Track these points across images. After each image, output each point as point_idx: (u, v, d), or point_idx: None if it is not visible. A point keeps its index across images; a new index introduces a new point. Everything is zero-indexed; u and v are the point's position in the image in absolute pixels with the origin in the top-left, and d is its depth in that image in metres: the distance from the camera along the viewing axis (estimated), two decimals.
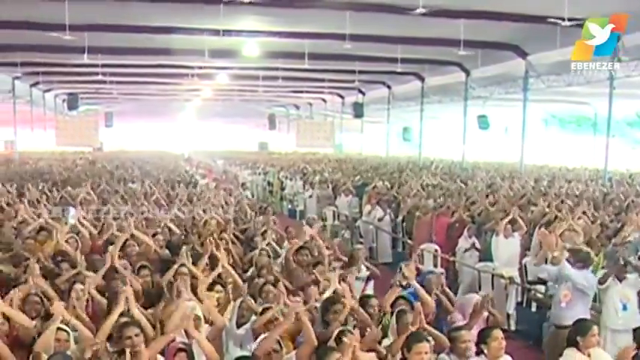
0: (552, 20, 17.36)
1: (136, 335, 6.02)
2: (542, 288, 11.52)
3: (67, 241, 10.14)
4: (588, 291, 9.11)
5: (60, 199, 15.74)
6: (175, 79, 37.57)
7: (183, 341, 6.36)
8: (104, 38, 23.27)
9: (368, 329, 6.96)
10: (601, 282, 9.49)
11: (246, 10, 19.06)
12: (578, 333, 6.84)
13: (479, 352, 6.48)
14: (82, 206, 14.02)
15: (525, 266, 12.58)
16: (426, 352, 6.04)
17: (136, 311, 6.73)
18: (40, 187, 17.78)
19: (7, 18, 20.64)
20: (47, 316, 7.08)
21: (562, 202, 16.14)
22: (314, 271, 8.98)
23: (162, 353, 6.16)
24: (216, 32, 21.19)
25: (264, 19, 21.33)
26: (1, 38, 23.69)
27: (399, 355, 6.32)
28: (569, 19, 16.38)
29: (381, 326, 7.32)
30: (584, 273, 9.15)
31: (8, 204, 14.19)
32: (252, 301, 7.78)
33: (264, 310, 7.20)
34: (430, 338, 6.34)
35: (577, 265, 9.15)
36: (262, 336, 6.53)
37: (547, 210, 14.72)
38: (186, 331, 6.48)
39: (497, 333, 6.51)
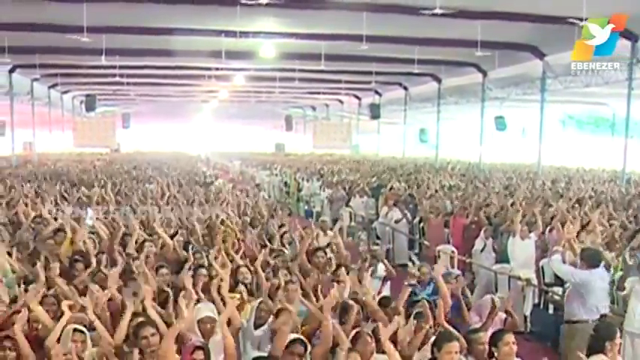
0: (570, 20, 17.28)
1: (152, 335, 6.05)
2: (559, 290, 11.45)
3: (84, 242, 10.17)
4: (590, 289, 9.11)
5: (77, 200, 15.81)
6: (192, 80, 37.70)
7: (199, 340, 6.37)
8: (122, 40, 23.40)
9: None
10: (620, 287, 9.45)
11: (263, 11, 19.09)
12: (606, 337, 6.74)
13: (490, 355, 6.43)
14: (98, 206, 14.09)
15: (542, 268, 12.52)
16: (456, 352, 6.03)
17: (153, 311, 6.74)
18: (58, 188, 17.88)
19: (26, 20, 20.80)
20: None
21: (579, 203, 16.06)
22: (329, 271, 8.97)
23: (179, 352, 6.17)
24: (233, 34, 21.25)
25: (281, 20, 21.36)
26: (20, 40, 23.84)
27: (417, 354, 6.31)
28: (580, 19, 16.29)
29: None
30: (592, 272, 9.13)
31: (26, 204, 14.25)
32: (270, 302, 7.78)
33: (279, 310, 7.21)
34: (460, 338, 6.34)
35: (587, 264, 9.14)
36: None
37: (565, 211, 14.65)
38: (202, 331, 6.49)
39: (509, 337, 6.42)
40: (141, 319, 6.46)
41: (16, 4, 18.58)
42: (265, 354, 6.59)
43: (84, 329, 6.30)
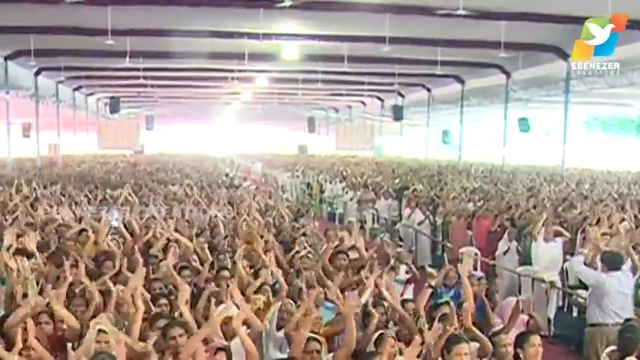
0: None
1: (180, 336, 6.07)
2: (583, 292, 11.37)
3: (108, 243, 10.23)
4: (607, 292, 9.04)
5: (101, 201, 15.91)
6: (215, 82, 37.81)
7: (222, 342, 6.38)
8: (145, 42, 23.53)
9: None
10: None
11: (286, 13, 19.14)
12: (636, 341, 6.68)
13: (516, 356, 6.40)
14: (122, 208, 14.17)
15: (566, 270, 12.44)
16: (465, 354, 5.99)
17: (186, 312, 6.75)
18: (82, 190, 18.01)
19: (51, 24, 21.00)
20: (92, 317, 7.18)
21: (605, 205, 15.95)
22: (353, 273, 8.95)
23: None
24: (256, 36, 21.29)
25: (304, 22, 21.37)
26: (46, 43, 24.04)
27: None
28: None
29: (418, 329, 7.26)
30: (611, 275, 9.07)
31: (51, 206, 14.35)
32: (293, 303, 7.78)
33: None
34: (469, 340, 6.30)
35: (607, 267, 9.09)
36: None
37: (588, 213, 14.56)
38: (224, 332, 6.51)
39: (535, 339, 6.40)
40: (165, 320, 6.48)
41: (42, 7, 18.75)
42: (286, 356, 6.61)
43: (107, 329, 6.31)
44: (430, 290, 7.78)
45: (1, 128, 32.62)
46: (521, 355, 6.34)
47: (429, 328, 6.70)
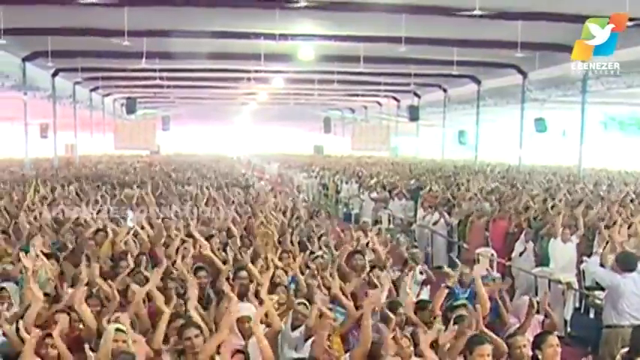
0: None
1: (196, 336, 6.09)
2: (600, 294, 11.31)
3: (126, 243, 10.26)
4: (621, 293, 9.00)
5: (118, 201, 15.96)
6: (231, 82, 37.89)
7: (240, 343, 6.39)
8: (162, 43, 23.63)
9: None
10: None
11: (302, 13, 19.15)
12: None
13: (534, 358, 6.37)
14: (139, 208, 14.21)
15: (583, 271, 12.38)
16: (487, 355, 5.99)
17: (195, 313, 6.77)
18: (98, 190, 18.09)
19: (68, 25, 21.10)
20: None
21: (622, 206, 15.85)
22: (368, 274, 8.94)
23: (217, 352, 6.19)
24: (272, 36, 21.32)
25: (320, 22, 21.38)
26: (63, 44, 24.17)
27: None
28: (631, 19, 16.04)
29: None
30: (625, 276, 9.02)
31: (67, 205, 14.41)
32: (308, 304, 7.78)
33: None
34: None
35: (621, 268, 9.05)
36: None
37: (605, 214, 14.48)
38: (242, 332, 6.51)
39: (553, 340, 6.38)
40: (182, 320, 6.50)
41: (59, 9, 18.86)
42: (301, 355, 6.62)
43: (125, 329, 6.34)
44: (447, 290, 7.76)
45: (19, 129, 32.86)
46: (539, 356, 6.32)
47: (445, 329, 6.69)
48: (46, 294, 7.44)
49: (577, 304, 12.57)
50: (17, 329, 6.54)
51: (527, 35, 20.46)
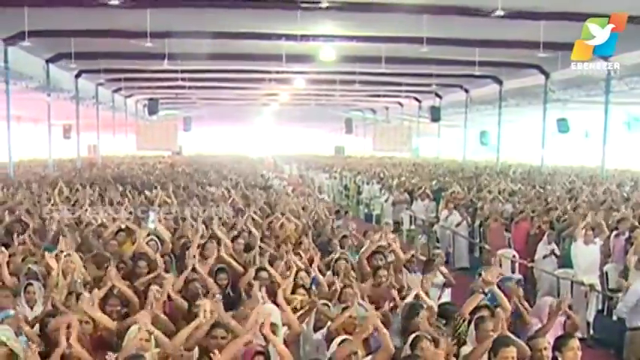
0: (636, 20, 16.89)
1: (222, 338, 6.11)
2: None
3: (147, 244, 10.31)
4: None
5: (140, 202, 16.02)
6: (253, 83, 38.00)
7: (260, 344, 6.39)
8: (183, 44, 23.71)
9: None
10: None
11: (324, 14, 19.17)
12: None
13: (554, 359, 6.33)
14: (161, 209, 14.26)
15: (606, 273, 12.29)
16: (512, 357, 5.96)
17: (224, 314, 6.78)
18: (121, 190, 18.18)
19: (91, 27, 21.26)
20: (126, 316, 7.26)
21: None
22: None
23: None
24: (293, 37, 21.37)
25: (341, 23, 21.39)
26: (86, 46, 24.38)
27: None
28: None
29: (458, 333, 7.20)
30: None
31: (90, 205, 14.49)
32: (330, 305, 7.78)
33: (343, 310, 7.24)
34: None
35: None
36: (339, 338, 6.52)
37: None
38: (263, 335, 6.51)
39: (574, 343, 6.33)
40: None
41: (82, 11, 19.01)
42: (324, 357, 6.62)
43: (149, 328, 6.36)
44: (482, 296, 7.64)
45: (42, 130, 33.09)
46: (559, 359, 6.28)
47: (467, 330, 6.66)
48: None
49: (600, 306, 12.46)
50: (41, 330, 6.62)
51: (550, 35, 20.34)
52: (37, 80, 27.00)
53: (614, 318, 11.86)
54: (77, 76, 31.49)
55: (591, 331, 11.93)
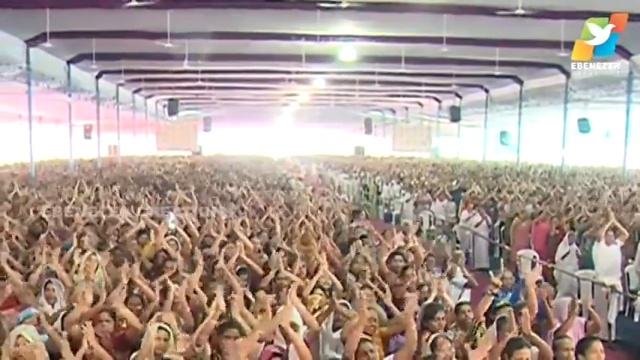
0: None
1: (236, 338, 6.12)
2: None
3: (167, 243, 10.34)
4: None
5: (160, 202, 16.09)
6: (272, 84, 38.06)
7: (279, 345, 6.39)
8: (203, 45, 23.78)
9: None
10: None
11: (343, 15, 19.18)
12: None
13: None
14: (181, 208, 14.30)
15: (628, 274, 12.21)
16: (527, 359, 5.93)
17: (241, 319, 6.79)
18: (141, 190, 18.26)
19: (112, 28, 21.38)
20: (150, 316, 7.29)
21: None
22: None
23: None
24: (313, 37, 21.38)
25: (361, 23, 21.38)
26: (107, 47, 24.53)
27: None
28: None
29: (474, 336, 7.16)
30: None
31: (110, 205, 14.57)
32: (348, 305, 7.77)
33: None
34: (531, 345, 6.21)
35: None
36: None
37: None
38: (283, 334, 6.53)
39: (597, 345, 6.26)
40: (225, 320, 6.53)
41: (103, 12, 19.12)
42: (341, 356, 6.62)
43: (168, 327, 6.39)
44: (492, 298, 7.63)
45: (63, 130, 33.35)
46: None
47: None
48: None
49: (621, 308, 12.38)
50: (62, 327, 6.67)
51: (571, 34, 20.13)
52: (59, 81, 27.19)
53: (636, 319, 11.81)
54: (98, 76, 31.66)
55: (613, 333, 11.85)
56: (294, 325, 6.66)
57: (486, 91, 37.84)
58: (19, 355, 6.03)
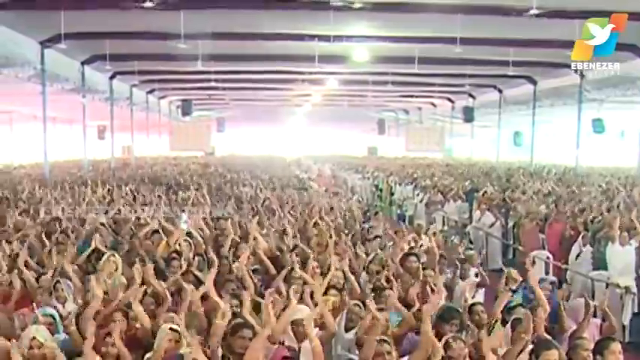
0: None
1: (250, 338, 6.12)
2: None
3: (180, 244, 10.36)
4: None
5: (173, 202, 16.12)
6: (286, 84, 38.07)
7: (289, 346, 6.39)
8: (217, 46, 23.82)
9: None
10: None
11: (357, 15, 19.16)
12: None
13: None
14: (194, 209, 14.33)
15: None
16: None
17: (251, 319, 6.79)
18: (154, 190, 18.31)
19: (126, 29, 21.46)
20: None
21: None
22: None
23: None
24: (326, 38, 21.38)
25: (374, 24, 21.37)
26: (120, 48, 24.62)
27: None
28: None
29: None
30: None
31: (124, 205, 14.62)
32: (361, 306, 7.76)
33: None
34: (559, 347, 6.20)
35: None
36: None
37: None
38: (295, 334, 6.53)
39: (616, 346, 6.22)
40: (239, 320, 6.54)
41: (117, 13, 19.20)
42: (355, 357, 6.60)
43: (179, 329, 6.40)
44: (510, 294, 7.58)
45: (77, 130, 33.50)
46: None
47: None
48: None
49: (636, 309, 12.31)
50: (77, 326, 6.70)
51: None
52: (73, 82, 27.31)
53: None
54: (112, 77, 31.80)
55: (627, 335, 11.79)
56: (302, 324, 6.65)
57: (500, 91, 37.73)
58: (33, 356, 6.05)
